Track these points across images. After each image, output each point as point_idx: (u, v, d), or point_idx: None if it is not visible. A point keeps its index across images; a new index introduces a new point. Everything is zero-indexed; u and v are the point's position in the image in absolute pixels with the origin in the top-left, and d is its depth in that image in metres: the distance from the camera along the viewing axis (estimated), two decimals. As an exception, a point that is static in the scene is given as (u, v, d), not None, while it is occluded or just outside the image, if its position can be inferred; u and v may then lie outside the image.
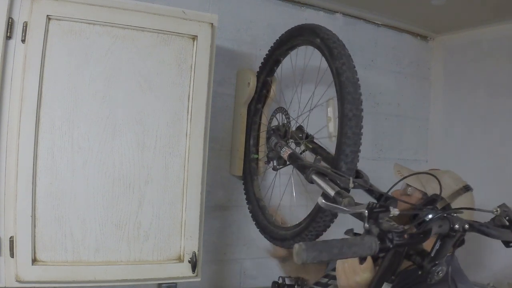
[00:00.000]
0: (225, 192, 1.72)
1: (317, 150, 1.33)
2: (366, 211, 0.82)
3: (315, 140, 1.39)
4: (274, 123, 1.52)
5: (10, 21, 1.10)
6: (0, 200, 1.11)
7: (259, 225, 1.51)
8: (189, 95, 1.27)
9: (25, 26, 1.11)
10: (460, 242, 1.19)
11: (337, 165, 1.09)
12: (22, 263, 1.11)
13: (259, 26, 1.61)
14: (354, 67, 1.15)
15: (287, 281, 1.49)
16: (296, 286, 1.46)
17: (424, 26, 2.16)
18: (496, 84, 1.97)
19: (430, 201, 1.10)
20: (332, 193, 0.99)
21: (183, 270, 1.26)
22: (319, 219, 1.14)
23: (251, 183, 1.58)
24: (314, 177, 1.09)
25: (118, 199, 1.19)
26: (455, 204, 1.10)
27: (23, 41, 1.11)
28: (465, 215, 1.15)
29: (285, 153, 1.33)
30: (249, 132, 1.62)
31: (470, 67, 2.09)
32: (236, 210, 1.74)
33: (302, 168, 1.18)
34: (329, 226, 1.16)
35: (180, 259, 1.27)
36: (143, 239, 1.23)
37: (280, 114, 1.48)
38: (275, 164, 1.42)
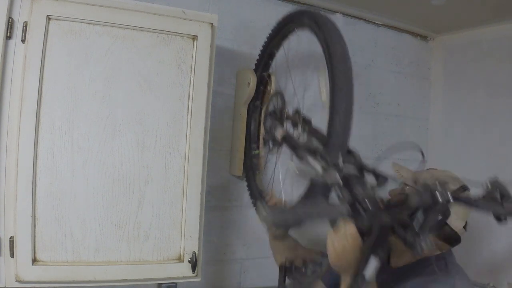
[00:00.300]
0: (225, 192, 1.72)
1: (314, 132, 1.33)
2: (341, 179, 0.81)
3: (312, 125, 1.39)
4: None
5: (10, 21, 1.10)
6: (0, 200, 1.11)
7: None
8: (189, 95, 1.27)
9: (25, 26, 1.11)
10: (456, 240, 1.19)
11: (328, 142, 1.08)
12: (22, 263, 1.11)
13: (259, 26, 1.61)
14: (340, 33, 1.16)
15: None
16: (302, 269, 1.44)
17: (424, 26, 2.16)
18: (496, 84, 1.97)
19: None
20: (320, 170, 0.98)
21: (183, 270, 1.26)
22: (310, 197, 1.14)
23: (253, 177, 1.58)
24: (305, 155, 1.08)
25: (118, 199, 1.20)
26: (452, 204, 1.10)
27: (23, 41, 1.11)
28: (462, 215, 1.15)
29: (278, 134, 1.34)
30: (249, 129, 1.62)
31: (470, 67, 2.08)
32: (236, 210, 1.74)
33: (294, 147, 1.17)
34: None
35: (180, 259, 1.27)
36: (143, 239, 1.23)
37: (277, 97, 1.49)
38: (270, 146, 1.43)
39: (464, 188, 1.20)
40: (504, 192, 0.89)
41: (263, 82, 1.59)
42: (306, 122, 1.38)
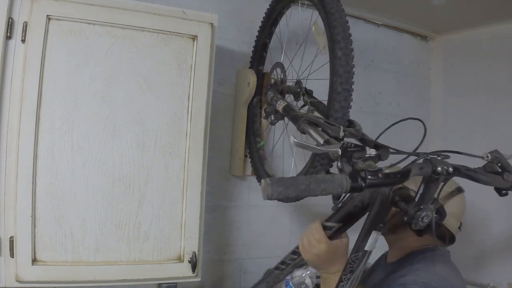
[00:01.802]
0: (225, 192, 1.72)
1: (315, 104, 1.33)
2: (340, 150, 0.80)
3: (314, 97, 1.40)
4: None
5: (10, 21, 1.10)
6: (0, 200, 1.11)
7: None
8: (189, 95, 1.27)
9: (25, 26, 1.11)
10: (451, 240, 1.19)
11: (329, 112, 1.09)
12: (22, 263, 1.11)
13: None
14: (343, 9, 1.18)
15: None
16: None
17: (424, 26, 2.16)
18: (496, 84, 1.97)
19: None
20: (321, 141, 0.98)
21: (183, 270, 1.26)
22: (312, 169, 1.14)
23: (262, 168, 1.58)
24: (306, 127, 1.07)
25: (118, 199, 1.19)
26: (448, 205, 1.10)
27: (23, 41, 1.11)
28: (457, 212, 1.16)
29: (280, 105, 1.33)
30: (251, 125, 1.63)
31: (470, 67, 2.08)
32: (236, 210, 1.74)
33: (295, 118, 1.16)
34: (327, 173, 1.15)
35: (180, 259, 1.27)
36: (143, 239, 1.23)
37: (278, 69, 1.49)
38: (272, 118, 1.42)
39: (459, 190, 1.22)
40: (505, 165, 0.88)
41: (259, 76, 1.60)
42: (308, 94, 1.38)
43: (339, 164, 0.79)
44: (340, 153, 0.79)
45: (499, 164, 0.88)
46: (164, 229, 1.25)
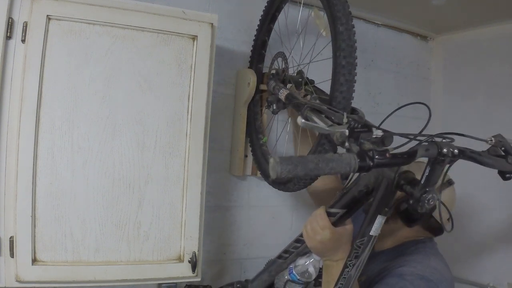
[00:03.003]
0: (225, 192, 1.72)
1: (318, 93, 1.32)
2: (347, 130, 0.80)
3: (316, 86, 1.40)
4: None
5: (10, 21, 1.10)
6: (0, 200, 1.11)
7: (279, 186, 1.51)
8: (189, 95, 1.27)
9: (25, 26, 1.11)
10: (440, 231, 1.21)
11: (332, 99, 1.08)
12: (22, 263, 1.11)
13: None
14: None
15: None
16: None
17: (424, 26, 2.16)
18: (496, 84, 1.97)
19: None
20: (325, 128, 0.98)
21: (183, 270, 1.26)
22: (318, 152, 1.14)
23: (266, 162, 1.57)
24: (309, 114, 1.08)
25: (118, 199, 1.19)
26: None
27: (23, 41, 1.11)
28: (447, 204, 1.17)
29: (282, 94, 1.33)
30: (253, 121, 1.63)
31: (470, 67, 2.08)
32: (236, 210, 1.74)
33: (298, 106, 1.16)
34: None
35: (180, 259, 1.27)
36: (143, 239, 1.23)
37: (279, 58, 1.49)
38: (274, 107, 1.42)
39: (449, 182, 1.24)
40: (508, 148, 0.88)
41: (259, 75, 1.60)
42: (309, 83, 1.38)
43: (346, 144, 0.79)
44: (347, 133, 0.80)
45: (503, 148, 0.89)
46: (164, 229, 1.25)
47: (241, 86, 1.64)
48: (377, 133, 0.81)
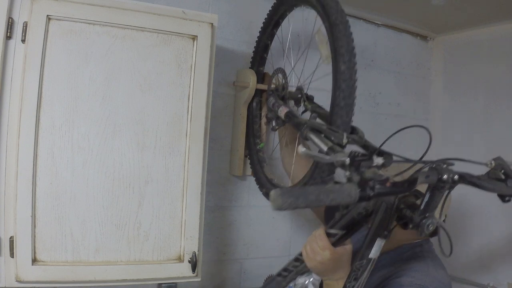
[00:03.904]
0: (225, 192, 1.72)
1: (317, 109, 1.32)
2: (348, 159, 0.80)
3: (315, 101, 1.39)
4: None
5: (10, 21, 1.10)
6: (0, 200, 1.11)
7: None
8: (189, 95, 1.27)
9: (25, 26, 1.11)
10: (435, 232, 1.21)
11: (332, 119, 1.08)
12: (22, 263, 1.11)
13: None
14: (343, 10, 1.16)
15: None
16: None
17: (424, 26, 2.16)
18: (496, 84, 1.97)
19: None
20: (325, 149, 0.98)
21: (183, 270, 1.26)
22: (316, 175, 1.14)
23: (262, 170, 1.58)
24: (309, 134, 1.08)
25: (118, 199, 1.20)
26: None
27: (23, 41, 1.11)
28: (443, 209, 1.17)
29: (282, 112, 1.33)
30: (251, 124, 1.63)
31: (470, 67, 2.08)
32: (236, 210, 1.74)
33: (298, 125, 1.16)
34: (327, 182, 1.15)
35: (180, 259, 1.27)
36: (143, 239, 1.23)
37: (279, 74, 1.49)
38: (273, 124, 1.42)
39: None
40: (508, 172, 0.88)
41: (260, 77, 1.60)
42: (309, 99, 1.38)
43: (347, 173, 0.80)
44: (348, 162, 0.80)
45: (502, 171, 0.88)
46: (164, 229, 1.25)
47: (241, 86, 1.63)
48: (378, 161, 0.81)
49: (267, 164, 1.60)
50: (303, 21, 1.43)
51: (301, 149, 0.84)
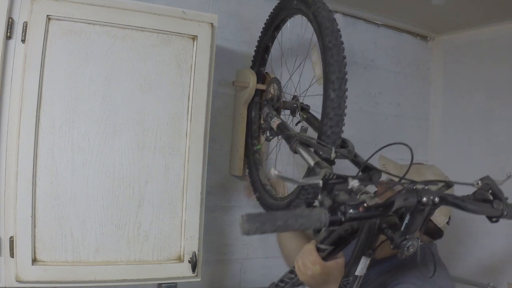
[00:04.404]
0: (225, 192, 1.72)
1: (311, 120, 1.32)
2: (320, 182, 0.79)
3: (310, 111, 1.39)
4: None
5: (10, 21, 1.10)
6: (0, 200, 1.11)
7: (267, 207, 1.49)
8: (189, 95, 1.27)
9: (25, 26, 1.11)
10: (439, 235, 1.20)
11: (322, 131, 1.07)
12: (22, 263, 1.11)
13: (259, 26, 1.61)
14: (329, 10, 1.14)
15: None
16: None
17: (424, 26, 2.16)
18: (496, 84, 1.97)
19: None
20: (312, 163, 0.97)
21: (183, 270, 1.26)
22: (301, 196, 1.14)
23: (257, 172, 1.57)
24: (298, 148, 1.07)
25: (118, 199, 1.19)
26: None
27: (23, 41, 1.11)
28: (445, 211, 1.16)
29: (274, 123, 1.33)
30: (250, 126, 1.62)
31: (470, 67, 2.09)
32: (236, 210, 1.74)
33: (288, 138, 1.16)
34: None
35: (180, 259, 1.27)
36: (143, 239, 1.23)
37: (273, 84, 1.48)
38: (268, 134, 1.42)
39: (448, 185, 1.21)
40: (496, 192, 0.85)
41: (261, 78, 1.60)
42: (304, 109, 1.38)
43: (319, 197, 0.78)
44: (320, 185, 0.79)
45: (490, 191, 0.85)
46: (164, 229, 1.25)
47: (241, 86, 1.63)
48: (353, 183, 0.78)
49: (262, 168, 1.59)
50: (303, 29, 1.43)
51: (274, 171, 0.80)
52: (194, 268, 1.26)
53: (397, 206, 0.76)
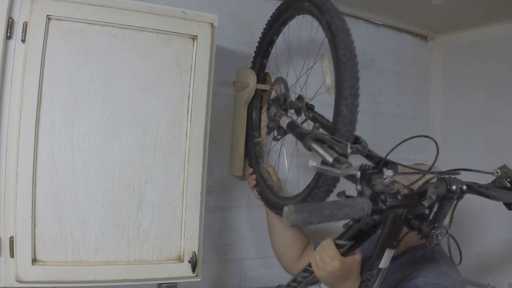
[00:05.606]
0: (225, 192, 1.72)
1: (318, 118, 1.32)
2: (359, 173, 0.81)
3: (315, 110, 1.39)
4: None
5: (10, 21, 1.10)
6: (0, 200, 1.11)
7: (268, 203, 1.49)
8: (189, 95, 1.27)
9: (25, 26, 1.11)
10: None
11: (335, 128, 1.07)
12: (22, 263, 1.11)
13: (259, 26, 1.61)
14: (344, 19, 1.13)
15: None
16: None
17: (424, 26, 2.16)
18: (496, 84, 1.97)
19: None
20: (330, 159, 0.98)
21: (183, 270, 1.26)
22: (320, 184, 1.13)
23: (257, 166, 1.57)
24: (313, 144, 1.07)
25: (118, 199, 1.20)
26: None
27: (23, 41, 1.11)
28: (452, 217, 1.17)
29: (284, 122, 1.33)
30: (250, 118, 1.62)
31: (470, 67, 2.08)
32: (236, 210, 1.74)
33: (301, 136, 1.16)
34: (331, 192, 1.14)
35: (180, 259, 1.27)
36: (143, 239, 1.23)
37: (279, 84, 1.48)
38: (275, 134, 1.42)
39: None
40: None
41: (263, 69, 1.59)
42: (310, 109, 1.38)
43: (358, 186, 0.80)
44: (359, 175, 0.81)
45: (508, 179, 0.90)
46: (164, 229, 1.25)
47: (241, 86, 1.63)
48: (388, 173, 0.81)
49: (263, 161, 1.59)
50: (311, 29, 1.41)
51: (312, 163, 0.84)
52: (194, 268, 1.26)
53: (430, 194, 0.79)
